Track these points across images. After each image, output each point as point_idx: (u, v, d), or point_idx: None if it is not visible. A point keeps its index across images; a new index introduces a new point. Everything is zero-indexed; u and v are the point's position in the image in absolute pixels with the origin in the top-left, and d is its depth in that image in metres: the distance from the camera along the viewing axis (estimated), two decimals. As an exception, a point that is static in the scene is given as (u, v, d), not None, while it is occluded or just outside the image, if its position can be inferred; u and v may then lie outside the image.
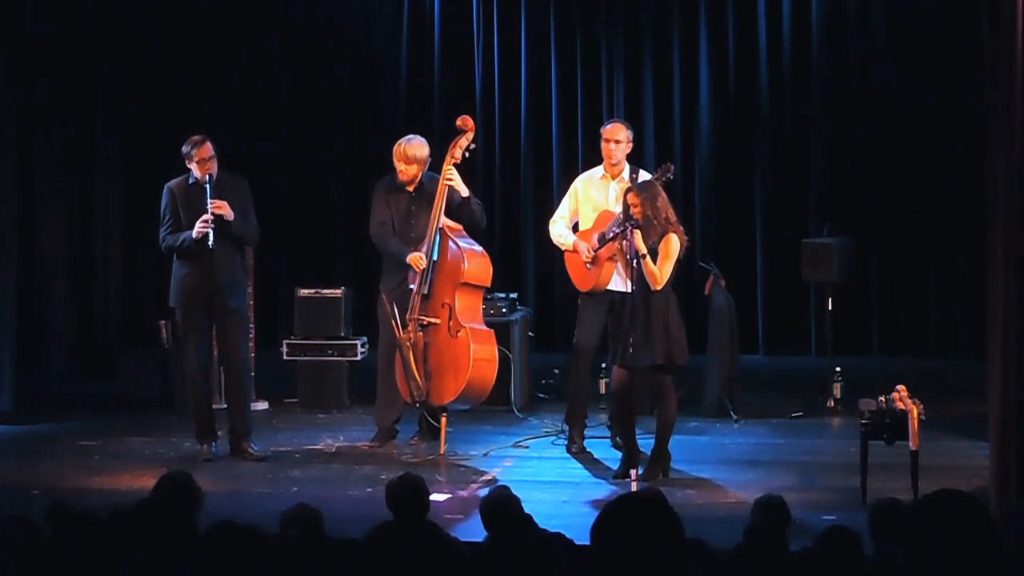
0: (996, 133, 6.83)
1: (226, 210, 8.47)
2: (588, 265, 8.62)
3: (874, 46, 11.79)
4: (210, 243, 8.41)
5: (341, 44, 12.49)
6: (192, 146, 8.59)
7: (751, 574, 4.69)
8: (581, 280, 8.75)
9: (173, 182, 8.69)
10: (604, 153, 8.73)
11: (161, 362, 10.46)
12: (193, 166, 8.57)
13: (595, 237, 8.55)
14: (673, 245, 7.95)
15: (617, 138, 8.68)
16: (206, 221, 8.41)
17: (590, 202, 8.78)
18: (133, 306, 12.09)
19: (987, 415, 7.01)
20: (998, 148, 6.80)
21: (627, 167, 8.76)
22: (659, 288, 7.91)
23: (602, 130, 8.81)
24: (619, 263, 8.32)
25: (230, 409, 8.79)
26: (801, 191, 12.02)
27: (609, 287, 8.61)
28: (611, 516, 3.57)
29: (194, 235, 8.44)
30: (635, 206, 7.92)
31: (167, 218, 8.63)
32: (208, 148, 8.57)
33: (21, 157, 10.72)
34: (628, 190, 8.12)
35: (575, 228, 8.87)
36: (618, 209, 8.45)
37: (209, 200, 8.45)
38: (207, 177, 8.51)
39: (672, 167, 8.40)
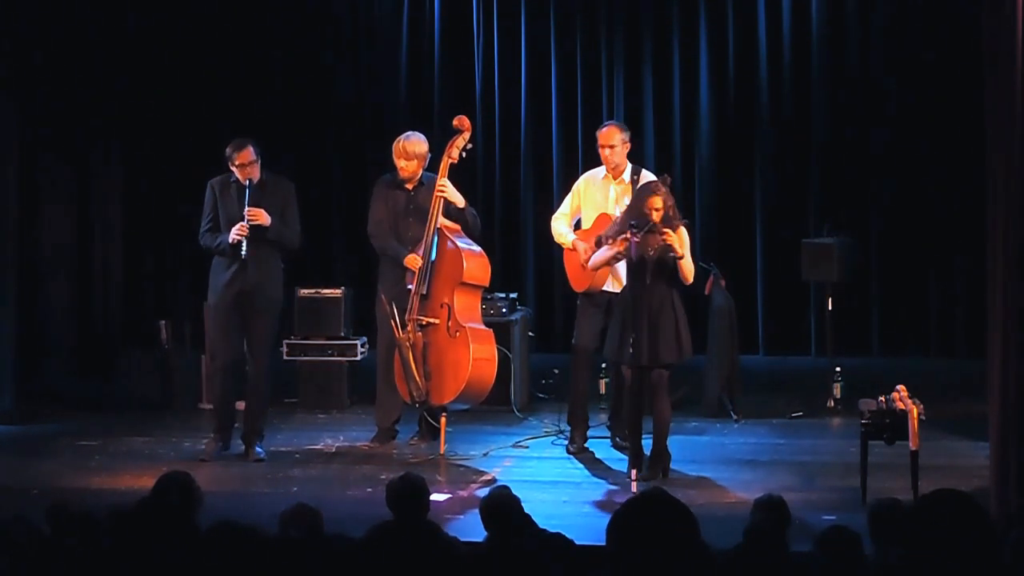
0: (996, 133, 6.82)
1: (262, 218, 8.51)
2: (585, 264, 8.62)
3: (874, 46, 11.78)
4: (243, 252, 8.47)
5: (340, 44, 12.48)
6: (233, 149, 8.63)
7: (751, 574, 4.69)
8: (577, 280, 8.76)
9: (216, 179, 8.77)
10: (602, 159, 8.73)
11: (161, 362, 10.45)
12: (234, 169, 8.61)
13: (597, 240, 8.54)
14: (686, 238, 8.01)
15: (612, 143, 8.67)
16: (241, 229, 8.45)
17: (591, 202, 8.79)
18: (133, 306, 12.08)
19: (987, 415, 7.00)
20: (998, 148, 6.80)
21: (629, 167, 8.76)
22: (690, 282, 8.03)
23: (597, 134, 8.81)
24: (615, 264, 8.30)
25: (245, 410, 8.84)
26: (801, 191, 12.01)
27: (605, 288, 8.62)
28: (628, 516, 3.57)
29: (230, 240, 8.50)
30: (659, 210, 7.90)
31: (207, 214, 8.71)
32: (249, 153, 8.59)
33: (22, 157, 10.72)
34: (652, 192, 8.04)
35: (577, 226, 8.87)
36: (617, 211, 8.45)
37: (247, 207, 8.48)
38: (247, 182, 8.54)
39: (669, 178, 8.34)
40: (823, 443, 9.06)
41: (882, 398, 7.57)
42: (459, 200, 8.83)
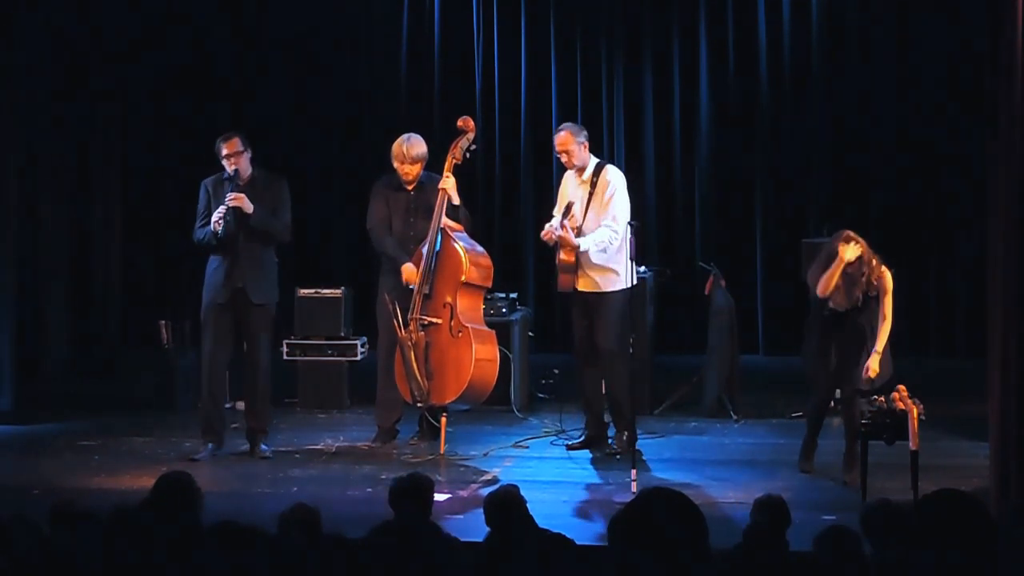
0: (996, 134, 6.82)
1: (243, 202, 8.53)
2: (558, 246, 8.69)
3: (874, 46, 11.79)
4: (219, 233, 8.47)
5: (341, 44, 12.49)
6: (221, 140, 8.71)
7: (751, 574, 4.69)
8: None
9: (209, 178, 8.81)
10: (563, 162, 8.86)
11: (161, 362, 10.46)
12: (223, 161, 8.66)
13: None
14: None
15: (567, 149, 8.75)
16: (221, 213, 8.47)
17: (564, 196, 8.86)
18: (133, 306, 12.08)
19: (987, 415, 7.01)
20: (998, 149, 6.80)
21: (592, 162, 8.80)
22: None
23: (554, 139, 8.90)
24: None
25: (246, 408, 8.83)
26: (801, 191, 12.02)
27: (580, 288, 8.64)
28: (632, 514, 3.57)
29: (212, 228, 8.51)
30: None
31: (201, 213, 8.74)
32: (235, 143, 8.65)
33: (22, 157, 10.72)
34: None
35: None
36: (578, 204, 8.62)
37: (229, 193, 8.51)
38: (233, 171, 8.58)
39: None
40: (823, 443, 9.05)
41: (882, 398, 7.57)
42: (455, 197, 8.85)
